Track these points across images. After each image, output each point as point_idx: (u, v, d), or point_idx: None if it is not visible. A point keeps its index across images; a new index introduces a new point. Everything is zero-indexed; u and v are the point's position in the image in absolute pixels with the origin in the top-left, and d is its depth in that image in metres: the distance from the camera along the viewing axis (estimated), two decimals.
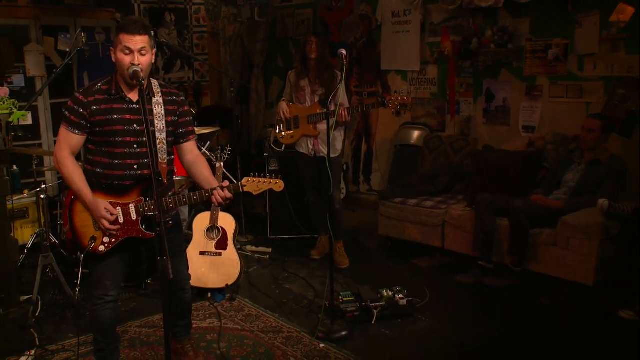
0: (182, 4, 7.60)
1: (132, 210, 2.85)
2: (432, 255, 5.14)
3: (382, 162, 6.64)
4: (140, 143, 2.85)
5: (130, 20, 2.80)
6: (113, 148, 2.83)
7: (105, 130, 2.81)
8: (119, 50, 2.77)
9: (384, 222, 5.40)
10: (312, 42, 4.79)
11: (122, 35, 2.75)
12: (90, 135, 2.85)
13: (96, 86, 2.85)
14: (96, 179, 2.86)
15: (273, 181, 2.97)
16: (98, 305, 2.95)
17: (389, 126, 6.49)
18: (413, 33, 6.06)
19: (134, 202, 2.86)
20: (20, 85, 6.07)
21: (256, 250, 5.40)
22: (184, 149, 3.07)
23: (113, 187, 2.86)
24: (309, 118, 4.83)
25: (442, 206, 5.03)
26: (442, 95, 5.98)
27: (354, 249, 5.31)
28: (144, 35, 2.78)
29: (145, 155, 2.86)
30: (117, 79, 2.86)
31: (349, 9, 6.73)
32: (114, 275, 2.96)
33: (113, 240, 2.86)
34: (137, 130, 2.84)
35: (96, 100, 2.81)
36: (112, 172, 2.85)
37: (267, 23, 7.58)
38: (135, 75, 2.70)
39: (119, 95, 2.84)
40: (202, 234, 4.40)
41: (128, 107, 2.84)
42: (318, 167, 4.89)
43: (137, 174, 2.86)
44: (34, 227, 5.35)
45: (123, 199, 2.86)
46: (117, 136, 2.82)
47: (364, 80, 6.68)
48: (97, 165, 2.87)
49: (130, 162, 2.85)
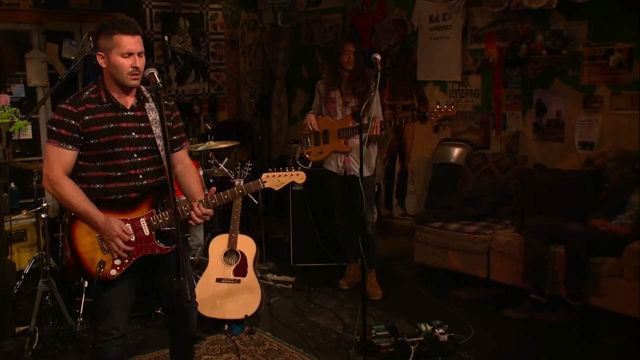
0: (198, 9, 7.73)
1: (144, 224, 2.86)
2: (475, 287, 5.10)
3: (418, 183, 6.62)
4: (140, 152, 2.86)
5: (123, 20, 2.79)
6: (113, 160, 2.83)
7: (102, 142, 2.81)
8: (116, 54, 2.75)
9: (421, 249, 5.38)
10: (349, 51, 4.80)
11: (118, 37, 2.74)
12: (82, 149, 2.83)
13: (83, 95, 2.84)
14: (95, 197, 2.84)
15: (294, 173, 2.97)
16: (105, 343, 2.90)
17: (426, 143, 6.47)
18: (453, 39, 6.07)
19: (144, 216, 2.86)
20: (20, 96, 6.21)
21: (278, 279, 5.39)
22: (176, 158, 3.04)
23: (118, 202, 2.85)
24: (340, 132, 4.84)
25: (486, 231, 5.00)
26: (486, 108, 5.97)
27: (387, 278, 5.29)
28: (139, 36, 2.81)
29: (149, 164, 2.88)
30: (105, 86, 2.86)
31: (382, 13, 6.79)
32: (123, 304, 2.93)
33: (126, 262, 2.85)
34: (136, 138, 2.86)
35: (87, 109, 2.80)
36: (115, 185, 2.84)
37: (290, 29, 7.67)
38: (151, 79, 2.72)
39: (111, 103, 2.84)
40: (219, 259, 4.41)
41: (123, 115, 2.85)
42: (348, 186, 4.90)
43: (142, 184, 2.87)
44: (32, 252, 5.40)
45: (130, 213, 2.86)
46: (117, 146, 2.82)
47: (398, 92, 6.69)
48: (93, 181, 2.85)
49: (134, 173, 2.86)
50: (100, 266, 2.81)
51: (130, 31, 2.75)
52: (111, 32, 2.74)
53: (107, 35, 2.75)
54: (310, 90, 7.54)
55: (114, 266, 2.83)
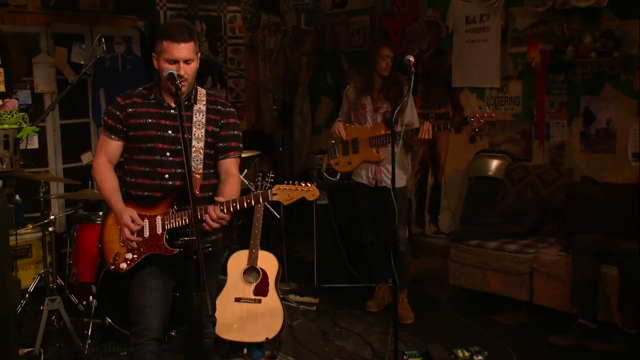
0: (215, 11, 7.78)
1: (158, 222, 2.98)
2: (517, 311, 5.04)
3: (452, 198, 6.56)
4: (174, 151, 3.02)
5: (174, 25, 2.99)
6: (145, 155, 3.02)
7: (139, 135, 3.03)
8: (163, 59, 2.97)
9: (456, 270, 5.33)
10: (387, 56, 4.78)
11: (165, 43, 2.95)
12: (126, 141, 3.10)
13: (137, 90, 3.15)
14: (126, 189, 3.09)
15: (306, 188, 2.98)
16: (138, 347, 2.96)
17: (461, 155, 6.43)
18: (492, 42, 6.03)
19: (161, 215, 2.99)
20: (26, 103, 6.23)
21: (301, 300, 5.37)
22: (221, 166, 3.18)
23: (143, 199, 3.03)
24: (371, 140, 4.82)
25: (529, 250, 4.94)
26: (527, 116, 5.91)
27: (419, 301, 5.26)
28: (190, 42, 2.97)
29: (178, 164, 3.01)
30: (159, 85, 3.09)
31: (413, 15, 6.77)
32: (157, 303, 3.01)
33: (135, 257, 2.99)
34: (172, 137, 3.03)
35: (134, 102, 3.08)
36: (143, 181, 3.03)
37: (315, 32, 7.66)
38: (171, 78, 2.89)
39: (156, 100, 3.06)
40: (238, 277, 4.41)
41: (165, 112, 3.06)
42: (379, 199, 4.87)
43: (167, 184, 3.02)
44: (37, 269, 5.40)
45: (151, 211, 3.02)
46: (150, 142, 3.02)
47: (431, 100, 6.66)
48: (129, 174, 3.09)
49: (161, 171, 3.02)
50: (115, 257, 3.02)
51: (177, 39, 2.92)
52: (162, 37, 2.96)
53: (159, 40, 2.98)
54: (335, 97, 7.54)
55: (125, 260, 3.01)
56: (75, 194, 5.10)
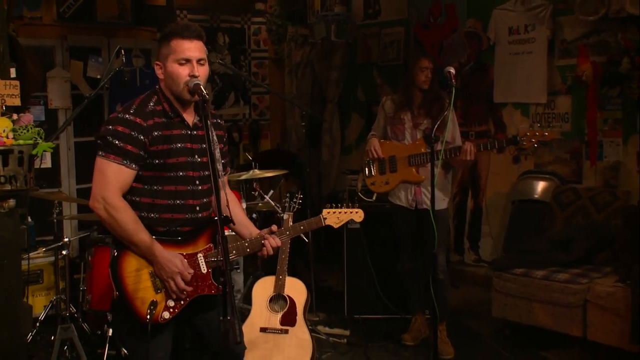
0: (239, 23, 7.84)
1: (201, 261, 2.87)
2: (569, 348, 4.98)
3: (494, 223, 6.51)
4: (202, 179, 2.89)
5: (183, 24, 2.88)
6: (175, 185, 2.85)
7: (168, 164, 2.84)
8: (172, 61, 2.82)
9: (500, 301, 5.27)
10: (426, 68, 4.80)
11: (175, 42, 2.81)
12: (142, 169, 2.85)
13: (148, 106, 2.88)
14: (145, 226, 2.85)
15: (353, 210, 3.12)
16: None
17: (504, 176, 6.38)
18: (538, 54, 6.00)
19: (202, 252, 2.88)
20: (39, 119, 6.30)
21: (331, 332, 5.33)
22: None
23: (170, 234, 2.87)
24: (411, 159, 4.81)
25: (581, 280, 4.86)
26: (577, 134, 5.86)
27: (459, 334, 5.22)
28: (201, 41, 2.87)
29: (206, 193, 2.90)
30: (167, 97, 2.90)
31: (452, 27, 6.76)
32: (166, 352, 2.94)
33: (181, 303, 2.85)
34: (199, 162, 2.89)
35: (156, 124, 2.84)
36: (171, 215, 2.87)
37: (345, 45, 7.70)
38: (197, 89, 2.73)
39: (180, 118, 2.88)
40: (263, 305, 4.38)
41: (187, 134, 2.89)
42: (419, 223, 4.86)
43: (199, 217, 2.91)
44: (49, 296, 5.43)
45: (186, 248, 2.88)
46: (181, 170, 2.85)
47: (471, 117, 6.63)
48: (148, 208, 2.87)
49: (192, 203, 2.89)
50: (151, 307, 2.80)
51: (189, 35, 2.80)
52: (169, 37, 2.82)
53: (165, 42, 2.83)
54: (367, 115, 7.55)
55: (167, 308, 2.84)
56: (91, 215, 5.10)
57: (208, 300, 2.93)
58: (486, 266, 6.42)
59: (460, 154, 4.55)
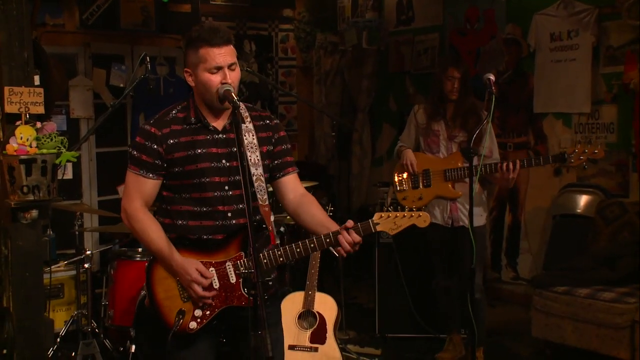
0: (266, 30, 7.91)
1: (230, 270, 2.85)
2: None
3: (533, 238, 6.47)
4: (232, 184, 2.87)
5: (210, 29, 2.85)
6: (200, 192, 2.86)
7: (188, 170, 2.86)
8: (203, 70, 2.82)
9: (541, 321, 5.21)
10: (454, 77, 4.77)
11: (205, 50, 2.80)
12: (167, 178, 2.91)
13: (170, 114, 2.92)
14: (177, 235, 2.90)
15: (415, 214, 2.86)
16: None
17: (544, 190, 6.35)
18: (581, 61, 5.98)
19: (231, 260, 2.86)
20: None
21: (361, 351, 5.33)
22: (283, 185, 3.05)
23: (202, 243, 2.88)
24: (447, 173, 4.78)
25: (629, 300, 4.79)
26: (623, 146, 5.81)
27: (497, 356, 5.21)
28: (230, 45, 2.86)
29: (240, 199, 2.86)
30: (196, 104, 2.93)
31: (490, 33, 6.76)
32: None
33: (208, 313, 2.85)
34: (227, 167, 2.88)
35: (172, 132, 2.87)
36: (200, 222, 2.88)
37: (377, 53, 7.73)
38: (228, 96, 2.75)
39: (200, 124, 2.90)
40: (292, 322, 4.40)
41: (213, 138, 2.90)
42: (455, 241, 4.84)
43: (231, 223, 2.88)
44: (70, 311, 5.48)
45: (216, 256, 2.87)
46: (205, 176, 2.86)
47: (509, 128, 6.61)
48: (178, 216, 2.90)
49: (222, 210, 2.87)
50: (179, 316, 2.83)
51: (218, 41, 2.79)
52: (197, 45, 2.80)
53: (193, 49, 2.82)
54: (399, 125, 7.52)
55: (194, 318, 2.84)
56: (113, 227, 5.17)
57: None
58: (525, 284, 6.38)
59: (500, 171, 4.47)
